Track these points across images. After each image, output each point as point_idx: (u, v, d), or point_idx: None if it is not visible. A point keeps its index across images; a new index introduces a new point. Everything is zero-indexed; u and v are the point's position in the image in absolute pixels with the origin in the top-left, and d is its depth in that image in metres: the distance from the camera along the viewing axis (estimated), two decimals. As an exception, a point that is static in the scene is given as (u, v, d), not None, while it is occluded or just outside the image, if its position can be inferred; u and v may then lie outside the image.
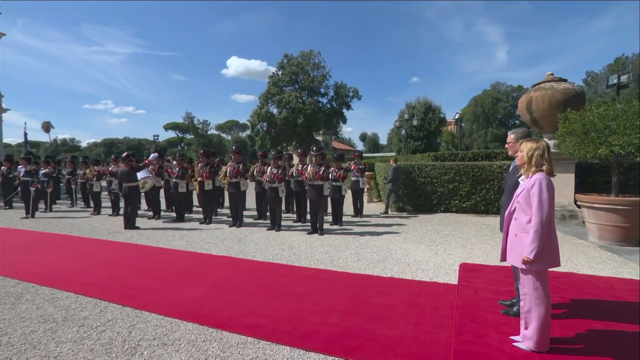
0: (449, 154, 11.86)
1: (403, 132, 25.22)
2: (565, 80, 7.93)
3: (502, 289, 3.69)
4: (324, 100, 33.93)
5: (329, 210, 8.79)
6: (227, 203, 11.44)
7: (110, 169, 10.69)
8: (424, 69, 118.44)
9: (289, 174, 8.28)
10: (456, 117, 24.64)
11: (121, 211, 9.77)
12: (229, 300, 3.52)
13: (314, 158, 7.17)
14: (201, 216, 9.04)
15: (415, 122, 25.25)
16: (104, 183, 11.23)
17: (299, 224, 8.28)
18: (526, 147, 2.45)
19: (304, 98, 32.28)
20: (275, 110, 32.18)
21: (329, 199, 7.97)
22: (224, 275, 4.32)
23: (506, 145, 3.20)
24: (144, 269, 4.57)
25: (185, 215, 9.29)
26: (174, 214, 9.54)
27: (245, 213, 9.22)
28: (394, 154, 39.99)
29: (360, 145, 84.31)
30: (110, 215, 9.81)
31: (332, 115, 33.54)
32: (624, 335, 2.67)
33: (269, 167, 7.62)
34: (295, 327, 2.91)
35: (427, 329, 2.83)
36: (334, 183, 7.88)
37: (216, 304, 3.40)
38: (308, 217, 8.64)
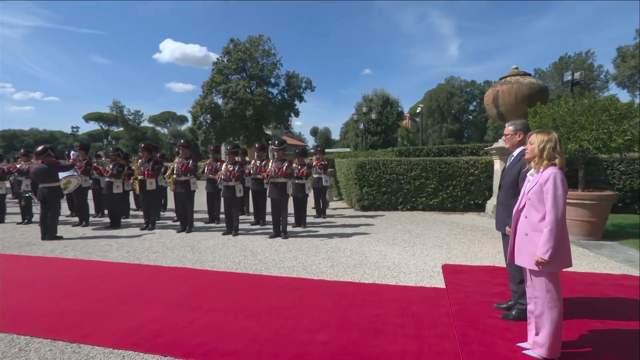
0: (414, 149, 12.20)
1: (361, 126, 25.64)
2: (530, 75, 8.49)
3: (493, 291, 3.75)
4: (275, 91, 33.43)
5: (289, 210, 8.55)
6: (170, 205, 10.71)
7: (18, 166, 9.41)
8: (377, 60, 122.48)
9: (246, 171, 7.89)
10: (418, 111, 25.58)
11: (35, 218, 8.63)
12: (193, 322, 3.15)
13: (275, 153, 6.88)
14: (141, 221, 8.29)
15: (374, 116, 25.79)
16: (8, 184, 9.86)
17: (258, 226, 7.94)
18: (537, 140, 2.44)
19: (252, 88, 31.49)
20: (220, 101, 30.98)
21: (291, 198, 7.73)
22: (182, 291, 3.90)
23: (503, 138, 3.22)
24: (77, 290, 3.98)
25: (122, 220, 8.46)
26: (106, 220, 8.65)
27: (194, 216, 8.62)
28: (348, 149, 40.65)
29: (311, 141, 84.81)
30: (19, 223, 8.62)
31: (283, 107, 33.15)
32: (626, 334, 2.80)
33: (224, 164, 7.18)
34: (281, 349, 2.66)
35: (428, 340, 2.74)
36: (296, 181, 7.65)
37: (178, 329, 3.02)
38: (267, 218, 8.35)
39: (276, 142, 6.87)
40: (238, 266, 4.90)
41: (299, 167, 7.72)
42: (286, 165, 6.72)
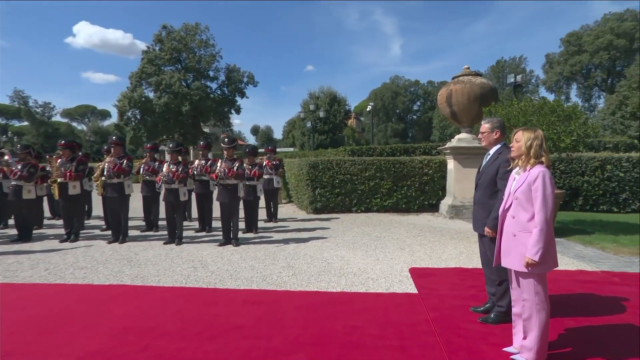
0: (367, 148, 12.41)
1: (309, 124, 25.65)
2: (481, 75, 9.02)
3: (466, 294, 3.83)
4: (214, 85, 32.32)
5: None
6: (96, 212, 9.74)
7: None
8: (319, 57, 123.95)
9: (190, 171, 7.40)
10: (368, 110, 26.19)
11: None
12: (142, 351, 2.77)
13: (225, 152, 6.51)
14: (58, 232, 7.40)
15: (322, 114, 25.96)
16: None
17: (204, 233, 7.49)
18: (524, 137, 2.48)
19: (189, 81, 30.07)
20: (152, 95, 29.13)
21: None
22: (124, 313, 3.46)
23: (479, 136, 3.28)
24: (-17, 319, 3.35)
25: (33, 231, 7.46)
26: (12, 231, 7.57)
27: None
28: (292, 149, 40.54)
29: (251, 140, 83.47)
30: None
31: (223, 103, 32.15)
32: (601, 331, 2.98)
33: (165, 164, 6.64)
34: (255, 376, 2.42)
35: (414, 352, 2.68)
36: (247, 182, 7.33)
37: (124, 360, 2.64)
38: (214, 224, 7.91)
39: (226, 139, 6.50)
40: (187, 280, 4.51)
41: (250, 167, 7.40)
42: (237, 165, 6.39)
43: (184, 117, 28.64)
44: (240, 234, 7.13)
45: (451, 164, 9.21)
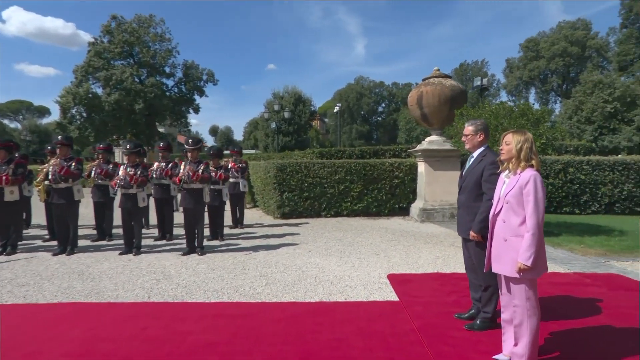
0: (336, 150, 12.44)
1: (273, 125, 25.35)
2: (450, 77, 9.30)
3: (448, 300, 3.87)
4: (170, 83, 31.25)
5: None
6: (37, 219, 9.05)
7: None
8: (281, 55, 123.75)
9: (150, 174, 7.04)
10: (335, 111, 26.33)
11: None
12: (104, 377, 2.54)
13: (189, 154, 6.24)
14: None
15: (286, 114, 25.76)
16: None
17: (164, 242, 7.14)
18: (514, 140, 2.52)
19: (142, 77, 28.86)
20: (101, 91, 27.67)
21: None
22: (78, 335, 3.17)
23: (463, 138, 3.32)
24: None
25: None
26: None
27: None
28: (254, 150, 40.03)
29: (210, 141, 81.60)
30: None
31: (180, 102, 31.17)
32: (584, 334, 3.09)
33: (121, 167, 6.26)
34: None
35: (404, 364, 2.64)
36: (212, 186, 7.08)
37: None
38: (175, 231, 7.58)
39: (190, 140, 6.24)
40: (150, 294, 4.24)
41: (215, 170, 7.16)
42: (202, 167, 6.15)
43: (137, 116, 27.42)
44: (205, 242, 6.86)
45: (422, 166, 9.41)
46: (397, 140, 45.37)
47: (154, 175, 7.19)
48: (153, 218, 8.03)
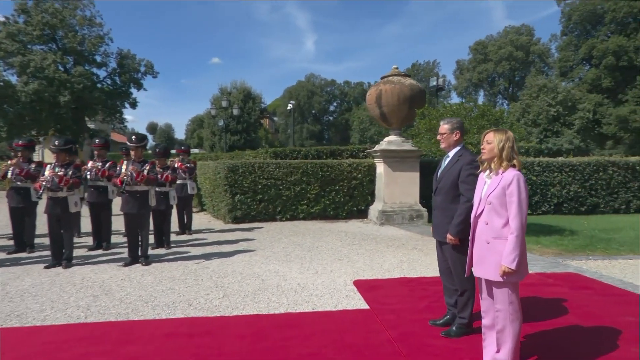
0: (290, 150, 12.30)
1: (221, 122, 24.58)
2: (409, 76, 9.52)
3: (420, 306, 3.89)
4: (102, 73, 29.35)
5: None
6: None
7: None
8: (226, 48, 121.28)
9: (83, 175, 6.50)
10: (289, 109, 26.10)
11: None
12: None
13: (133, 152, 5.81)
14: None
15: (235, 112, 25.10)
16: None
17: (100, 251, 6.62)
18: (496, 139, 2.56)
19: (68, 66, 26.82)
20: (15, 79, 25.30)
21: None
22: (2, 367, 2.78)
23: (438, 137, 3.34)
24: None
25: None
26: None
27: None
28: (197, 150, 38.75)
29: (149, 139, 78.08)
30: None
31: (114, 95, 29.36)
32: (557, 335, 3.22)
33: (47, 166, 5.70)
34: None
35: (384, 378, 2.58)
36: (157, 189, 6.67)
37: None
38: (112, 239, 7.07)
39: (133, 137, 5.81)
40: (88, 313, 3.86)
41: (161, 170, 6.76)
42: (148, 168, 5.75)
43: (62, 110, 25.35)
44: (149, 250, 6.44)
45: (381, 167, 9.55)
46: (350, 141, 46.06)
47: (88, 177, 6.65)
48: (86, 225, 7.42)
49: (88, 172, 6.62)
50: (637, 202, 11.05)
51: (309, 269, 5.48)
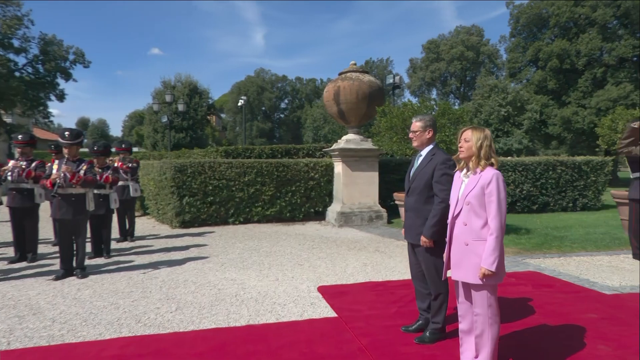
0: (243, 149, 12.03)
1: (165, 119, 23.50)
2: (368, 73, 9.62)
3: (389, 312, 3.89)
4: (22, 60, 27.17)
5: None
6: None
7: None
8: (167, 39, 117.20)
9: (3, 176, 5.93)
10: (240, 105, 25.52)
11: None
12: None
13: (66, 150, 5.35)
14: None
15: (181, 107, 24.14)
16: None
17: (24, 264, 6.07)
18: (474, 137, 2.58)
19: (-24, 49, 24.56)
20: None
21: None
22: None
23: (411, 135, 3.34)
24: None
25: None
26: None
27: None
28: (137, 149, 36.96)
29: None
30: None
31: (36, 86, 27.30)
32: (528, 335, 3.34)
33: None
34: None
35: (362, 391, 2.53)
36: (95, 191, 6.22)
37: None
38: (41, 248, 6.52)
39: (66, 133, 5.35)
40: (11, 338, 3.47)
41: (100, 170, 6.32)
42: (85, 168, 5.34)
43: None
44: (86, 261, 5.99)
45: (339, 167, 9.58)
46: (303, 139, 45.99)
47: (9, 178, 6.05)
48: (5, 233, 6.77)
49: (9, 173, 6.03)
50: (583, 201, 11.92)
51: (269, 275, 5.35)
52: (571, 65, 26.83)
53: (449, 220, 2.72)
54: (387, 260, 6.11)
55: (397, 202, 7.57)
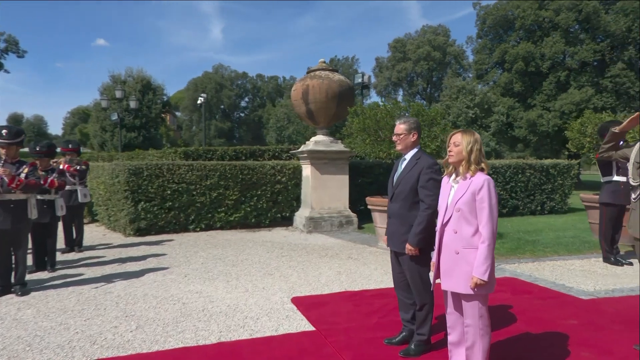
0: (204, 150, 11.74)
1: (115, 116, 22.56)
2: (337, 71, 9.64)
3: (370, 323, 3.87)
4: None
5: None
6: None
7: None
8: (115, 29, 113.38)
9: None
10: (199, 103, 24.94)
11: None
12: None
13: (3, 150, 4.98)
14: None
15: (132, 104, 23.28)
16: None
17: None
18: (464, 141, 2.59)
19: None
20: None
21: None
22: None
23: (394, 137, 3.33)
24: None
25: None
26: None
27: None
28: (85, 149, 35.42)
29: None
30: None
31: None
32: (514, 344, 3.39)
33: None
34: None
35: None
36: (39, 197, 5.85)
37: None
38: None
39: (4, 131, 4.97)
40: (-51, 364, 3.18)
41: (44, 174, 5.95)
42: (27, 170, 5.00)
43: None
44: (27, 276, 5.61)
45: (307, 170, 9.53)
46: (266, 140, 45.59)
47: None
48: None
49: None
50: (551, 204, 12.47)
51: (237, 286, 5.21)
52: (536, 68, 28.09)
53: (437, 228, 2.72)
54: (362, 268, 6.11)
55: (369, 206, 7.60)
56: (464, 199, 2.56)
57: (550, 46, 27.27)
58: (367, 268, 6.12)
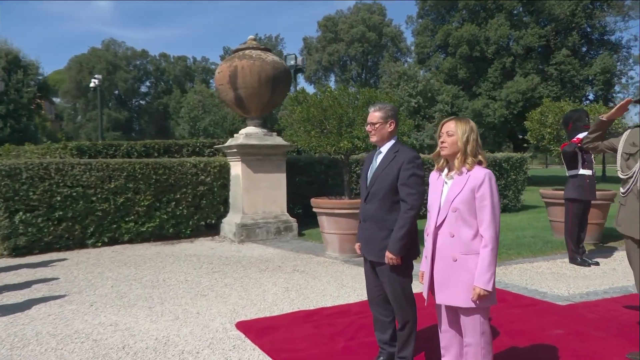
0: (104, 145, 11.00)
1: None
2: (270, 51, 9.50)
3: (336, 348, 3.81)
4: None
5: None
6: None
7: None
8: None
9: None
10: (92, 86, 23.37)
11: None
12: None
13: None
14: None
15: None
16: None
17: None
18: (459, 129, 2.59)
19: None
20: None
21: None
22: None
23: (368, 128, 3.28)
24: None
25: None
26: None
27: None
28: None
29: None
30: None
31: None
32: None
33: None
34: None
35: None
36: None
37: None
38: None
39: None
40: None
41: None
42: None
43: None
44: None
45: (237, 168, 9.32)
46: (176, 134, 43.90)
47: None
48: None
49: None
50: (504, 201, 13.26)
51: (164, 313, 4.91)
52: (481, 53, 29.88)
53: (429, 232, 2.71)
54: (312, 282, 6.05)
55: (315, 209, 7.56)
56: (461, 196, 2.56)
57: (495, 29, 29.12)
58: (319, 282, 6.07)
